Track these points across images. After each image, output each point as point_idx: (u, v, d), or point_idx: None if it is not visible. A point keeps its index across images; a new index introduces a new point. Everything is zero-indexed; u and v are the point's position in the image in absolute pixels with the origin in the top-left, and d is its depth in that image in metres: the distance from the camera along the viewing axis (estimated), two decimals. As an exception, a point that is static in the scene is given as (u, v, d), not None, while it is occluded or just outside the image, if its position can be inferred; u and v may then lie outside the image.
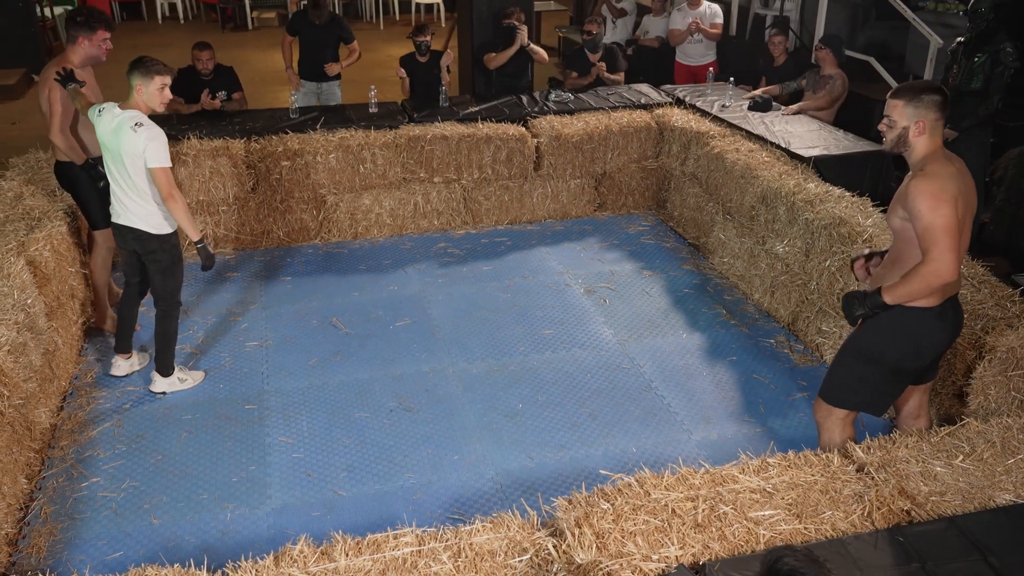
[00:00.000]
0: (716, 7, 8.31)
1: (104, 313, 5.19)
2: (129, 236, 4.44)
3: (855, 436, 3.57)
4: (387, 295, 5.73)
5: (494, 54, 7.31)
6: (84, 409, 4.50)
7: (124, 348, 4.77)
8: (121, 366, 4.77)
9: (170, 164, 4.27)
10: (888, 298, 3.19)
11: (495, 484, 4.00)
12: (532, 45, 7.23)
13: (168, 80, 4.29)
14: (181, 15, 15.75)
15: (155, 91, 4.25)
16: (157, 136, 4.21)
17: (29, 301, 4.17)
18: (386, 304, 5.61)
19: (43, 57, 11.14)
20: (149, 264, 4.50)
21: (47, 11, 12.52)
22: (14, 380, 3.83)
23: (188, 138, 6.02)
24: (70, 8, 13.38)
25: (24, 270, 4.31)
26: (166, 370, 4.62)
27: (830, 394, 3.57)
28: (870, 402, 3.51)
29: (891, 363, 3.37)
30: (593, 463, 4.13)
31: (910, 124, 3.21)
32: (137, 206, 4.35)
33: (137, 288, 4.71)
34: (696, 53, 8.39)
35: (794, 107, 6.67)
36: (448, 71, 7.07)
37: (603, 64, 7.50)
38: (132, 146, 4.19)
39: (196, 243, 4.43)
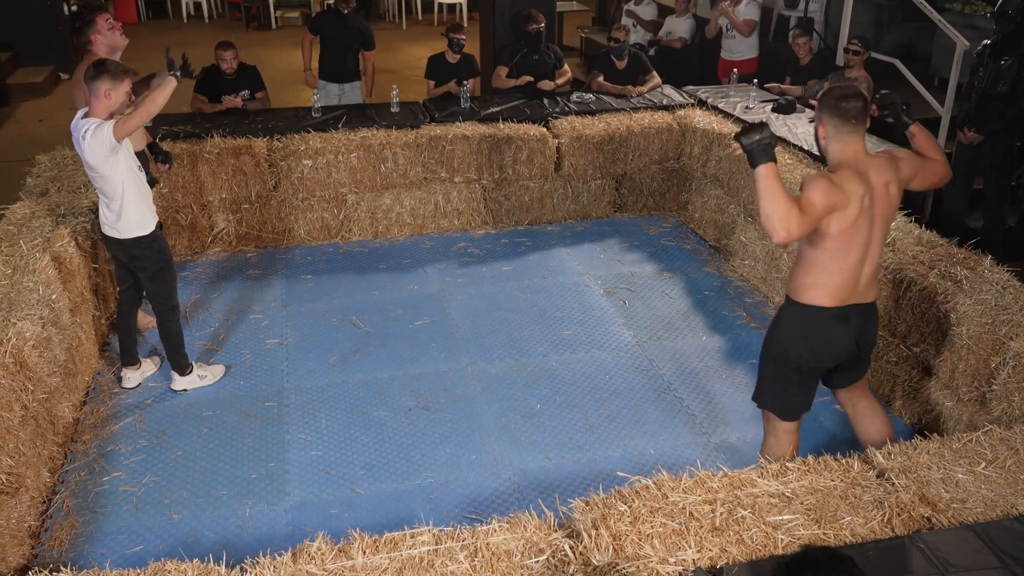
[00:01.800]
0: (755, 5, 8.30)
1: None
2: (115, 247, 4.42)
3: (797, 448, 3.55)
4: (407, 294, 5.75)
5: (504, 73, 7.29)
6: (106, 404, 4.55)
7: (130, 360, 4.71)
8: (131, 377, 4.71)
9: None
10: (759, 172, 3.03)
11: (512, 484, 4.01)
12: (552, 85, 7.28)
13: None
14: (206, 14, 15.86)
15: (124, 94, 4.07)
16: (96, 125, 4.01)
17: (54, 297, 4.22)
18: (406, 303, 5.62)
19: (70, 55, 11.28)
20: (137, 272, 4.46)
21: (74, 10, 12.64)
22: (38, 375, 3.88)
23: (212, 136, 6.07)
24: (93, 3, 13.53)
25: (49, 265, 4.36)
26: (182, 369, 4.66)
27: (756, 395, 3.66)
28: (780, 403, 3.54)
29: (792, 362, 3.40)
30: (611, 464, 4.12)
31: (817, 126, 3.25)
32: (110, 214, 4.28)
33: (129, 296, 4.62)
34: (736, 48, 8.38)
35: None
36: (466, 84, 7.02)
37: (637, 88, 7.38)
38: (88, 154, 4.08)
39: (174, 72, 4.20)
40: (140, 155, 4.67)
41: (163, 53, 4.34)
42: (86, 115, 4.08)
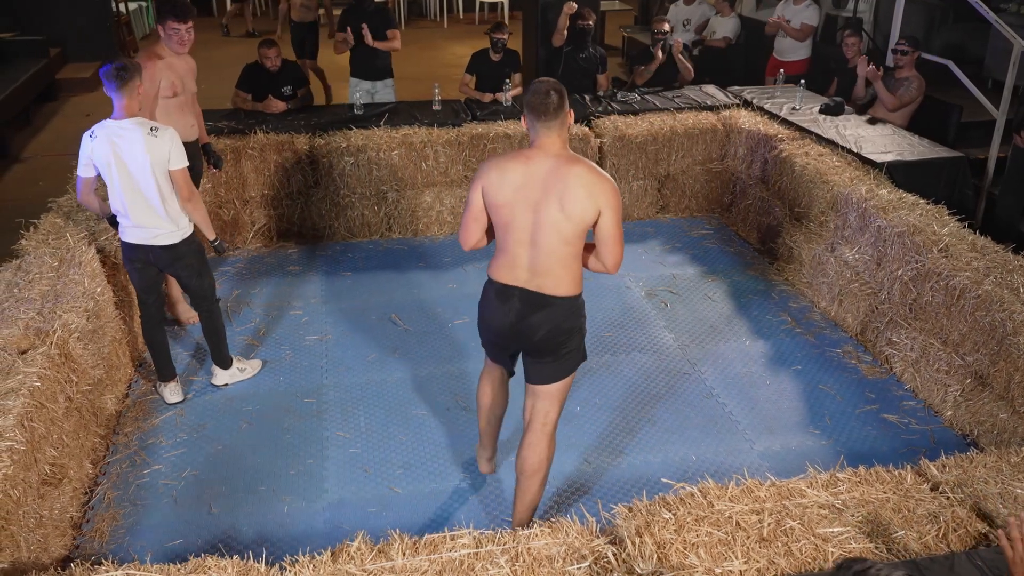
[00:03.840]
0: (814, 8, 8.17)
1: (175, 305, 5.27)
2: (150, 255, 4.22)
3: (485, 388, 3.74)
4: (446, 293, 5.72)
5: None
6: (148, 397, 4.57)
7: (168, 375, 4.54)
8: (175, 390, 4.55)
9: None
10: None
11: (551, 487, 3.95)
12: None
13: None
14: (250, 11, 15.98)
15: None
16: (175, 136, 4.04)
17: (99, 290, 4.26)
18: (445, 302, 5.60)
19: (117, 52, 11.44)
20: (180, 272, 4.35)
21: (122, 6, 12.83)
22: (83, 366, 3.92)
23: (254, 132, 6.09)
24: (144, 3, 13.73)
25: (94, 259, 4.40)
26: (225, 363, 4.66)
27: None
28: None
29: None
30: (652, 470, 4.05)
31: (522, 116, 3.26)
32: (163, 219, 4.12)
33: (156, 310, 4.46)
34: (788, 48, 8.30)
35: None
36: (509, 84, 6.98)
37: (679, 41, 7.35)
38: (157, 152, 3.96)
39: (213, 242, 4.43)
40: (191, 146, 4.71)
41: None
42: (124, 115, 3.97)
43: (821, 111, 6.60)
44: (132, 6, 13.23)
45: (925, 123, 6.42)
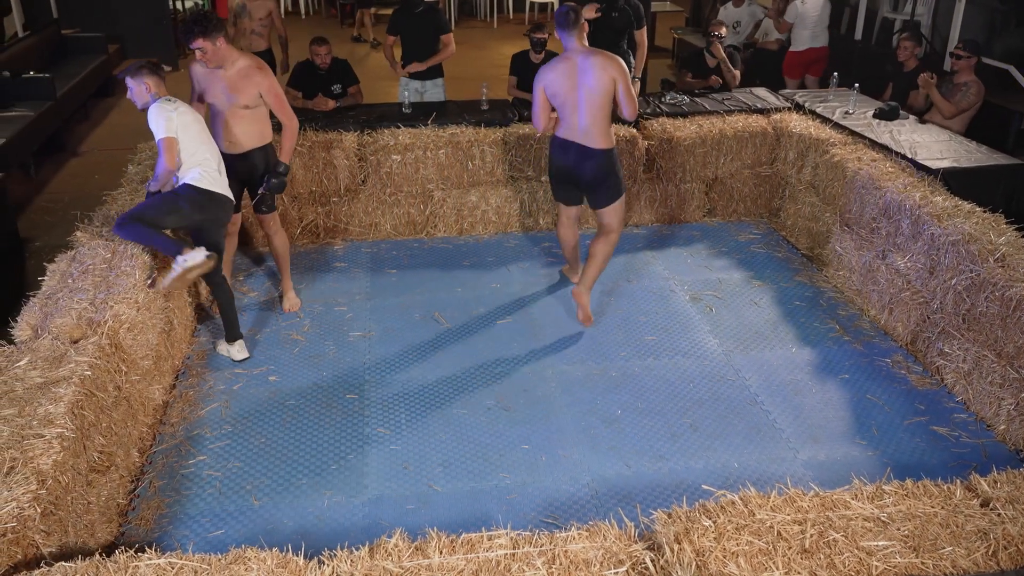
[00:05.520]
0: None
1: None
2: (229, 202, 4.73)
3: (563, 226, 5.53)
4: (490, 292, 5.73)
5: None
6: (194, 389, 4.65)
7: (237, 334, 4.95)
8: (242, 348, 4.96)
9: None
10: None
11: (591, 490, 3.93)
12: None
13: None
14: (303, 10, 16.22)
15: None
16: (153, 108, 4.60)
17: (149, 281, 4.34)
18: (488, 301, 5.60)
19: (173, 49, 11.68)
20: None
21: (179, 4, 13.08)
22: (132, 357, 3.99)
23: (304, 130, 6.16)
24: (200, 2, 13.97)
25: (145, 252, 4.48)
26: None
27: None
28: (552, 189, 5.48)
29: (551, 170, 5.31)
30: (693, 476, 4.01)
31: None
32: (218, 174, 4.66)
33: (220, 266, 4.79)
34: (804, 38, 8.56)
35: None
36: None
37: (717, 41, 7.25)
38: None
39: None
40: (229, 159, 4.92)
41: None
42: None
43: (875, 115, 6.47)
44: (188, 3, 13.48)
45: (984, 129, 6.26)
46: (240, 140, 4.94)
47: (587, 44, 4.90)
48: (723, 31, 7.24)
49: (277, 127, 5.12)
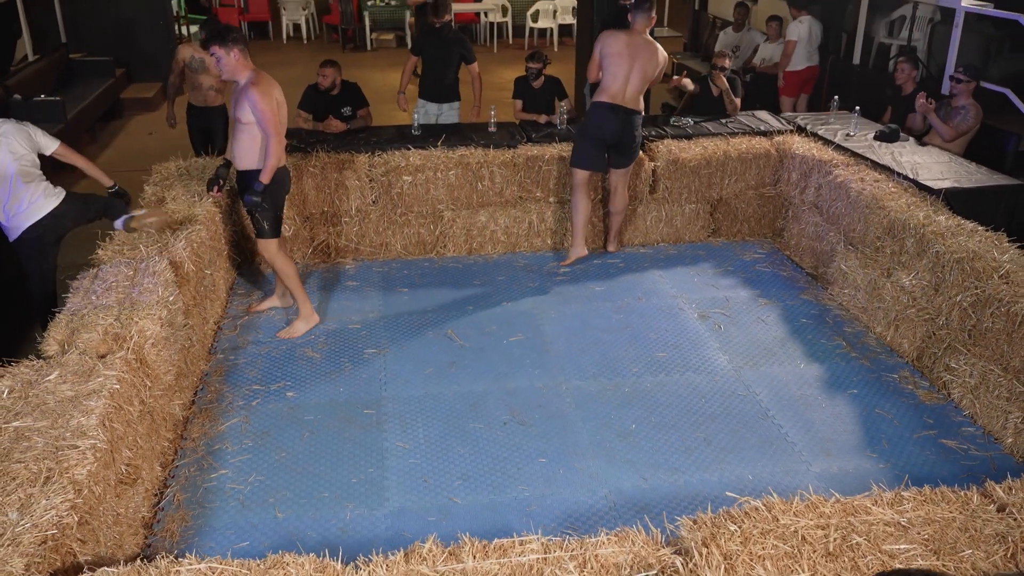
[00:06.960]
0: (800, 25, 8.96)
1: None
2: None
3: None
4: (501, 310, 5.81)
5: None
6: (213, 404, 4.71)
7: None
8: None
9: None
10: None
11: (608, 502, 4.00)
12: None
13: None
14: (304, 36, 16.40)
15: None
16: None
17: (171, 299, 4.40)
18: (500, 319, 5.68)
19: (179, 73, 11.76)
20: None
21: (183, 29, 13.22)
22: (156, 372, 4.06)
23: (316, 152, 6.26)
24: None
25: (167, 269, 4.55)
26: None
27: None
28: (578, 158, 6.19)
29: (588, 132, 6.14)
30: (708, 488, 4.08)
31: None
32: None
33: None
34: (798, 59, 8.97)
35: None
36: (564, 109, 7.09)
37: (719, 73, 7.38)
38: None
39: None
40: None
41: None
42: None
43: (876, 137, 6.60)
44: (194, 28, 13.62)
45: (982, 151, 6.39)
46: (237, 156, 5.09)
47: (648, 30, 6.04)
48: (727, 63, 7.37)
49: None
